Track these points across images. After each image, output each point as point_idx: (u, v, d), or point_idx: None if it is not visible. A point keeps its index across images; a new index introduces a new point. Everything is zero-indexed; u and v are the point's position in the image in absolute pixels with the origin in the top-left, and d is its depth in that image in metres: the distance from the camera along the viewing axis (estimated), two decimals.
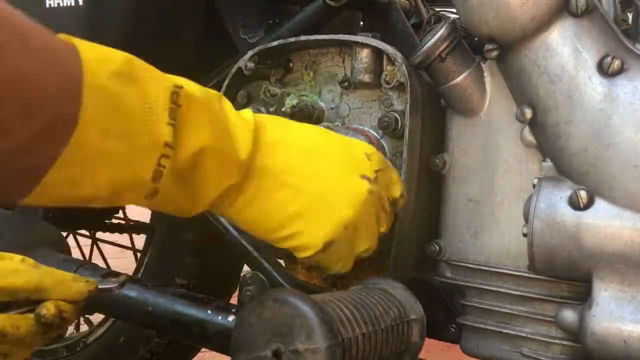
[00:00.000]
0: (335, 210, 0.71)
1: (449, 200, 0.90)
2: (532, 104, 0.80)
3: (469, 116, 0.88)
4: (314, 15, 1.00)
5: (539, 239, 0.77)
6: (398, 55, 0.85)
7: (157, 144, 0.57)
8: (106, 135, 0.55)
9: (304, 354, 0.62)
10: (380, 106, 0.88)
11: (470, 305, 0.89)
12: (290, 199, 0.69)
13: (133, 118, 0.56)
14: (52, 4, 1.02)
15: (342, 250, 0.74)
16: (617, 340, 0.74)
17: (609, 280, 0.76)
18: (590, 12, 0.76)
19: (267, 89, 0.96)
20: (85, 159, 0.54)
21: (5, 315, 0.63)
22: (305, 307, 0.63)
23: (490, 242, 0.87)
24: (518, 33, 0.77)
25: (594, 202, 0.76)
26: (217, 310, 0.89)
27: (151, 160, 0.58)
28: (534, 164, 0.84)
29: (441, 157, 0.89)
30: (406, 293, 0.76)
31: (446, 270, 0.91)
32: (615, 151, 0.74)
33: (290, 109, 0.92)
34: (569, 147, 0.77)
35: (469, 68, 0.85)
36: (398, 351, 0.74)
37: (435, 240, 0.91)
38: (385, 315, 0.71)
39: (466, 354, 0.92)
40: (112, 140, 0.55)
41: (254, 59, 0.94)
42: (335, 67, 0.93)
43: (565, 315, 0.80)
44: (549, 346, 0.84)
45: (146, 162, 0.57)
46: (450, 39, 0.84)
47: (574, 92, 0.76)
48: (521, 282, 0.86)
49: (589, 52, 0.76)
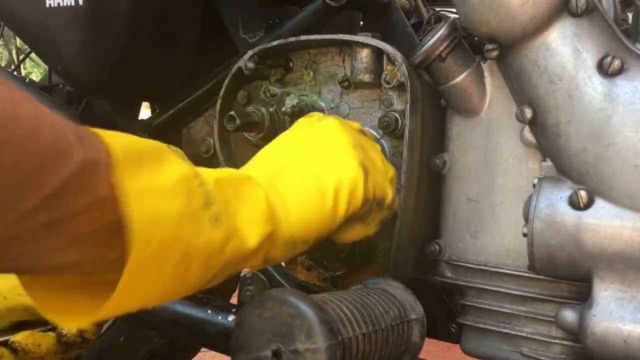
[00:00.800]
0: (339, 153, 0.74)
1: (449, 200, 0.90)
2: (532, 104, 0.80)
3: (469, 116, 0.88)
4: (314, 15, 1.00)
5: (539, 238, 0.77)
6: (398, 55, 0.85)
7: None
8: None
9: (304, 354, 0.62)
10: (380, 106, 0.88)
11: (470, 305, 0.89)
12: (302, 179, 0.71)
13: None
14: (52, 3, 1.02)
15: (376, 172, 0.77)
16: (617, 340, 0.74)
17: (609, 280, 0.76)
18: (590, 12, 0.76)
19: (267, 89, 0.96)
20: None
21: (27, 333, 0.63)
22: (305, 307, 0.63)
23: (490, 242, 0.87)
24: (518, 33, 0.77)
25: (594, 202, 0.76)
26: (217, 310, 0.89)
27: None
28: (534, 164, 0.84)
29: (441, 157, 0.89)
30: (406, 293, 0.76)
31: (446, 270, 0.91)
32: (615, 151, 0.74)
33: (290, 109, 0.92)
34: (569, 147, 0.77)
35: (469, 68, 0.85)
36: (398, 351, 0.74)
37: (435, 240, 0.91)
38: (385, 315, 0.71)
39: (466, 354, 0.92)
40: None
41: (254, 59, 0.94)
42: (335, 67, 0.93)
43: (565, 315, 0.80)
44: (549, 346, 0.84)
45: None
46: (450, 39, 0.84)
47: (574, 92, 0.76)
48: (521, 282, 0.86)
49: (589, 52, 0.76)
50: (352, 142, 0.76)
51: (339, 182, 0.72)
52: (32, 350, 0.64)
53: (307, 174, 0.73)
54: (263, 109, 0.94)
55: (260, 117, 0.94)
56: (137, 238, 0.49)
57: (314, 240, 0.72)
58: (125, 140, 0.52)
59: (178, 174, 0.54)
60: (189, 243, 0.54)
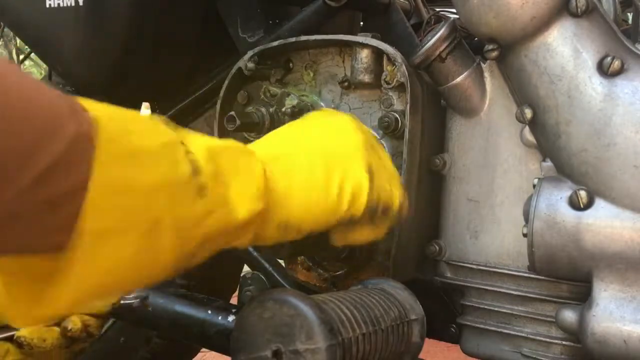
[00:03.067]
0: (349, 152, 0.72)
1: (449, 200, 0.90)
2: (532, 104, 0.80)
3: (469, 116, 0.88)
4: (314, 15, 1.00)
5: (539, 239, 0.77)
6: (398, 55, 0.85)
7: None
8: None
9: (304, 354, 0.62)
10: (380, 106, 0.88)
11: (470, 305, 0.89)
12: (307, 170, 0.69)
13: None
14: (52, 4, 1.02)
15: (384, 178, 0.74)
16: (617, 341, 0.74)
17: (609, 280, 0.76)
18: (590, 12, 0.76)
19: (267, 89, 0.96)
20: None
21: (32, 328, 0.63)
22: (305, 307, 0.63)
23: (490, 242, 0.87)
24: (518, 33, 0.77)
25: (594, 202, 0.76)
26: (217, 310, 0.89)
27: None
28: (534, 164, 0.84)
29: (441, 157, 0.89)
30: (406, 293, 0.76)
31: (446, 270, 0.91)
32: (615, 151, 0.74)
33: (290, 109, 0.92)
34: (569, 147, 0.77)
35: (469, 68, 0.85)
36: (398, 351, 0.74)
37: (435, 240, 0.91)
38: (385, 316, 0.71)
39: (466, 354, 0.92)
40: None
41: (254, 59, 0.94)
42: (335, 67, 0.93)
43: (565, 316, 0.80)
44: (549, 346, 0.84)
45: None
46: (450, 39, 0.84)
47: (574, 92, 0.76)
48: (521, 282, 0.86)
49: (588, 52, 0.76)
50: (364, 143, 0.74)
51: (344, 180, 0.70)
52: (38, 345, 0.64)
53: (316, 162, 0.70)
54: (263, 109, 0.94)
55: (260, 118, 0.94)
56: (93, 206, 0.47)
57: (308, 231, 0.69)
58: (111, 111, 0.51)
59: (160, 141, 0.53)
60: (162, 213, 0.52)
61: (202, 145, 0.59)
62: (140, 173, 0.51)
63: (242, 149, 0.65)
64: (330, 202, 0.69)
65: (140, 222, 0.51)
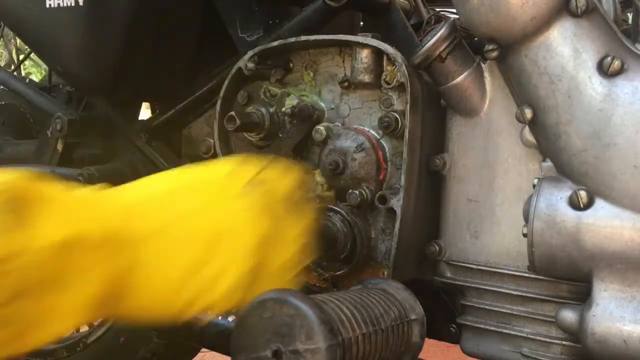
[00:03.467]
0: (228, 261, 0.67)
1: (449, 200, 0.90)
2: (532, 104, 0.80)
3: (469, 116, 0.88)
4: (314, 15, 1.00)
5: (539, 239, 0.77)
6: (398, 55, 0.85)
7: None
8: None
9: (304, 354, 0.62)
10: (380, 106, 0.88)
11: (470, 305, 0.89)
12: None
13: None
14: (52, 4, 1.02)
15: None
16: (617, 341, 0.74)
17: (609, 280, 0.76)
18: (590, 12, 0.76)
19: (267, 89, 0.96)
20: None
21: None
22: (305, 307, 0.63)
23: (490, 242, 0.87)
24: (518, 33, 0.77)
25: (594, 202, 0.76)
26: None
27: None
28: (534, 164, 0.84)
29: (441, 157, 0.89)
30: (406, 293, 0.76)
31: (446, 270, 0.91)
32: (615, 151, 0.74)
33: (291, 109, 0.92)
34: (569, 147, 0.77)
35: (469, 68, 0.85)
36: (398, 351, 0.74)
37: (435, 240, 0.91)
38: (385, 316, 0.71)
39: (466, 354, 0.92)
40: None
41: (254, 59, 0.94)
42: (335, 67, 0.93)
43: (565, 316, 0.80)
44: (549, 346, 0.84)
45: None
46: (450, 39, 0.84)
47: (574, 92, 0.76)
48: (521, 282, 0.86)
49: (588, 53, 0.76)
50: (254, 246, 0.67)
51: (204, 294, 0.65)
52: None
53: (186, 259, 0.65)
54: (263, 109, 0.94)
55: (260, 118, 0.94)
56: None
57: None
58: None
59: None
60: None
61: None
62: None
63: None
64: (174, 310, 0.66)
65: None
